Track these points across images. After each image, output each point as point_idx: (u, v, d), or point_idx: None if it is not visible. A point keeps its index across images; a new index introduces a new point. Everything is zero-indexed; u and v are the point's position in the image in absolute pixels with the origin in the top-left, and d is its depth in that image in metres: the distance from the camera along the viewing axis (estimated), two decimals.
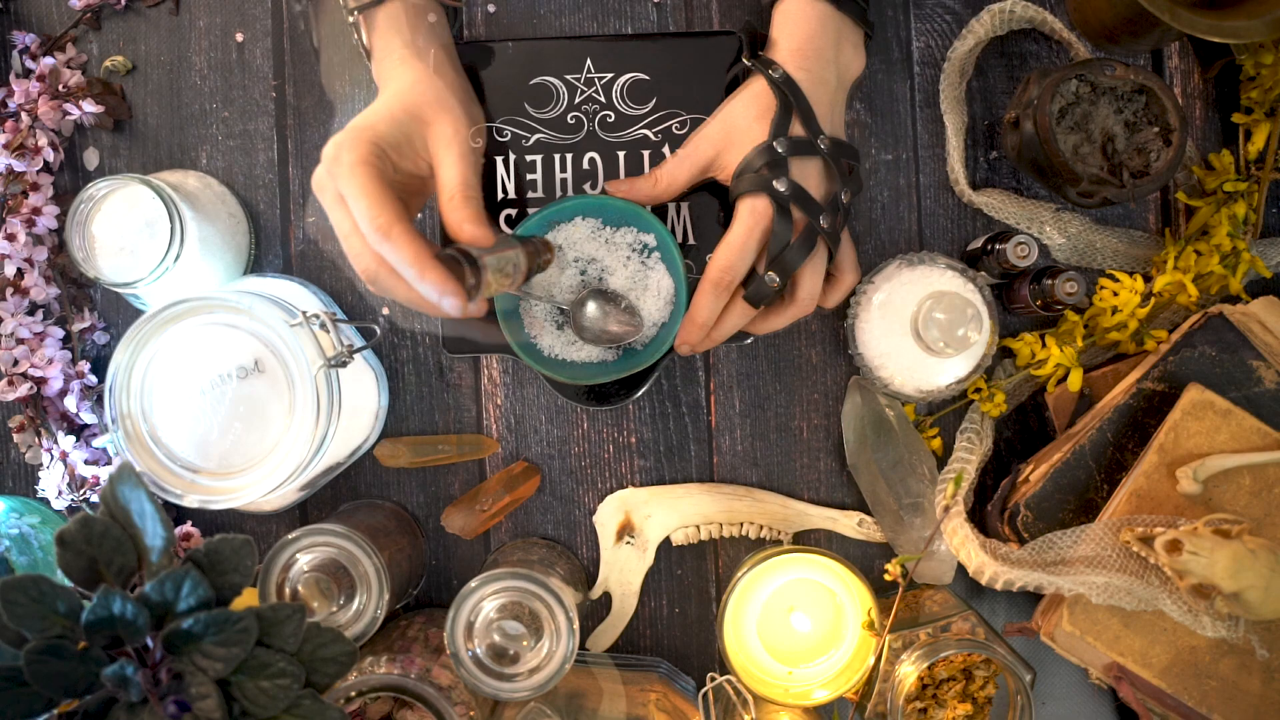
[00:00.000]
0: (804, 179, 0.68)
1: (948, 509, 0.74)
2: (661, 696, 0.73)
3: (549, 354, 0.73)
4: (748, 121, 0.70)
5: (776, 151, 0.68)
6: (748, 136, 0.69)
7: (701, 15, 0.81)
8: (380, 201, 0.60)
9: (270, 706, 0.52)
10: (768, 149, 0.68)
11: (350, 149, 0.61)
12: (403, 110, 0.64)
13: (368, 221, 0.59)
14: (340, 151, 0.61)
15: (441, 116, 0.65)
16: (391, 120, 0.64)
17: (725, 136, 0.70)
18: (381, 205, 0.60)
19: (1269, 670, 0.68)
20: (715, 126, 0.71)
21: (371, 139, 0.62)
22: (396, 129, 0.64)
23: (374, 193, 0.60)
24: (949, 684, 0.71)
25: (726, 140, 0.70)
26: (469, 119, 0.67)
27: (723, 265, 0.68)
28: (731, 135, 0.70)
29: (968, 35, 0.78)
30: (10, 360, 0.76)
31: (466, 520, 0.79)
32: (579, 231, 0.72)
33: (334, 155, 0.62)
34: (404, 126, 0.64)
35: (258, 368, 0.66)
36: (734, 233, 0.68)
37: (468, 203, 0.63)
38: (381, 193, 0.60)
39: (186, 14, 0.81)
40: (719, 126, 0.71)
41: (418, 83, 0.66)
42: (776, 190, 0.67)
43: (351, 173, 0.61)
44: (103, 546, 0.52)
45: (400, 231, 0.59)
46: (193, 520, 0.79)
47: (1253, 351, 0.72)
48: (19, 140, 0.77)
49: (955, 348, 0.72)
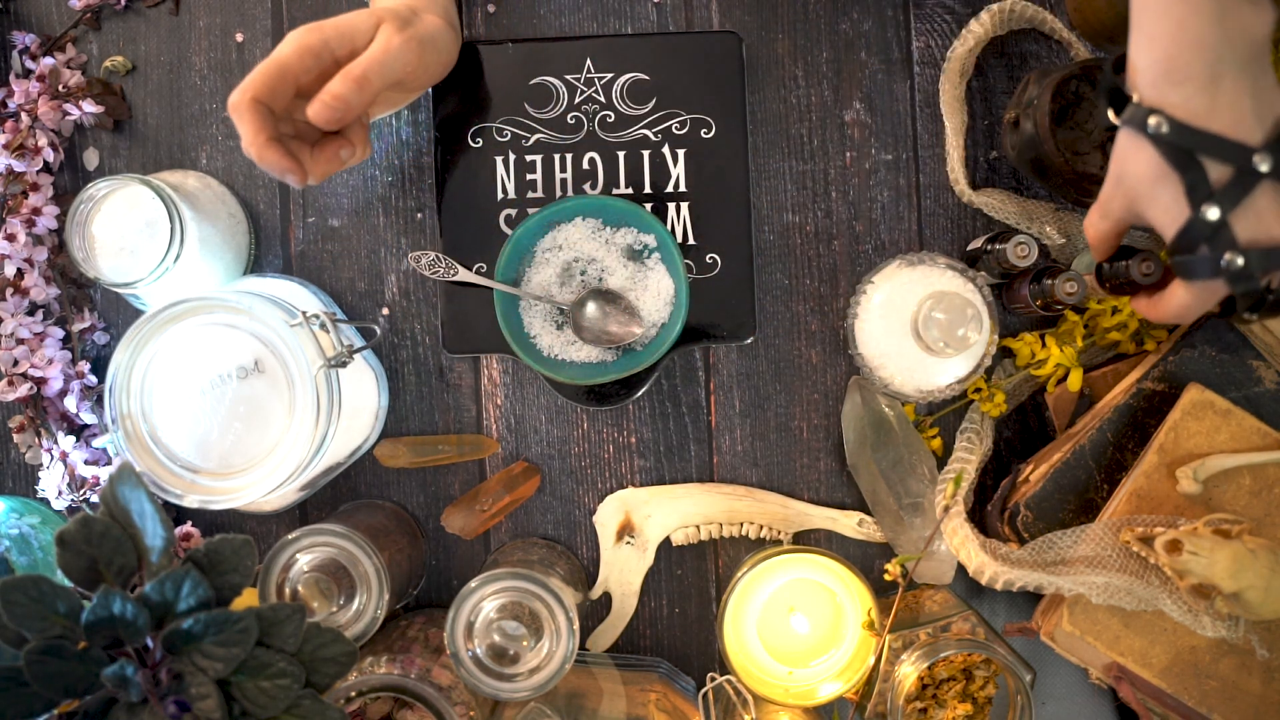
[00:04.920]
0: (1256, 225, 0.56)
1: (948, 509, 0.74)
2: (661, 696, 0.73)
3: (549, 354, 0.73)
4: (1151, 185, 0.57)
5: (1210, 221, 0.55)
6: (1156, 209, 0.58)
7: (701, 15, 0.81)
8: (261, 78, 0.64)
9: (270, 706, 0.53)
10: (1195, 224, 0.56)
11: (296, 34, 0.65)
12: (369, 13, 0.67)
13: (237, 89, 0.64)
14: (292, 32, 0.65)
15: (393, 22, 0.66)
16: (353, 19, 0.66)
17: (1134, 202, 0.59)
18: (256, 81, 0.64)
19: (1269, 670, 0.68)
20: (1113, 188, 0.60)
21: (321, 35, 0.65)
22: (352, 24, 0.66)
23: (265, 70, 0.64)
24: (949, 684, 0.71)
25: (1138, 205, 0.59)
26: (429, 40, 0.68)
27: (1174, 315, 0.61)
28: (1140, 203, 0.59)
29: (968, 35, 0.78)
30: (10, 360, 0.76)
31: (466, 520, 0.79)
32: (579, 231, 0.73)
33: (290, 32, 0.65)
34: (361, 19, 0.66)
35: (258, 368, 0.66)
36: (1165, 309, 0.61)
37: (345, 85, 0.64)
38: (270, 74, 0.64)
39: (186, 14, 0.81)
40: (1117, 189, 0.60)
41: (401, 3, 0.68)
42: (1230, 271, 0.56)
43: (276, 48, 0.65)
44: (103, 546, 0.52)
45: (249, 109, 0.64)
46: (193, 520, 0.79)
47: (1253, 351, 0.72)
48: (19, 140, 0.77)
49: (955, 348, 0.72)
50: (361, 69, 0.64)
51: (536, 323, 0.73)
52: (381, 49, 0.65)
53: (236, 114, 0.65)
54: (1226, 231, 0.55)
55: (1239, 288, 0.56)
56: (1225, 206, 0.55)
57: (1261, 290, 0.56)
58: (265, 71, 0.64)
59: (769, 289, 0.80)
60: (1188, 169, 0.55)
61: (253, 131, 0.64)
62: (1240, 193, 0.54)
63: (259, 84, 0.64)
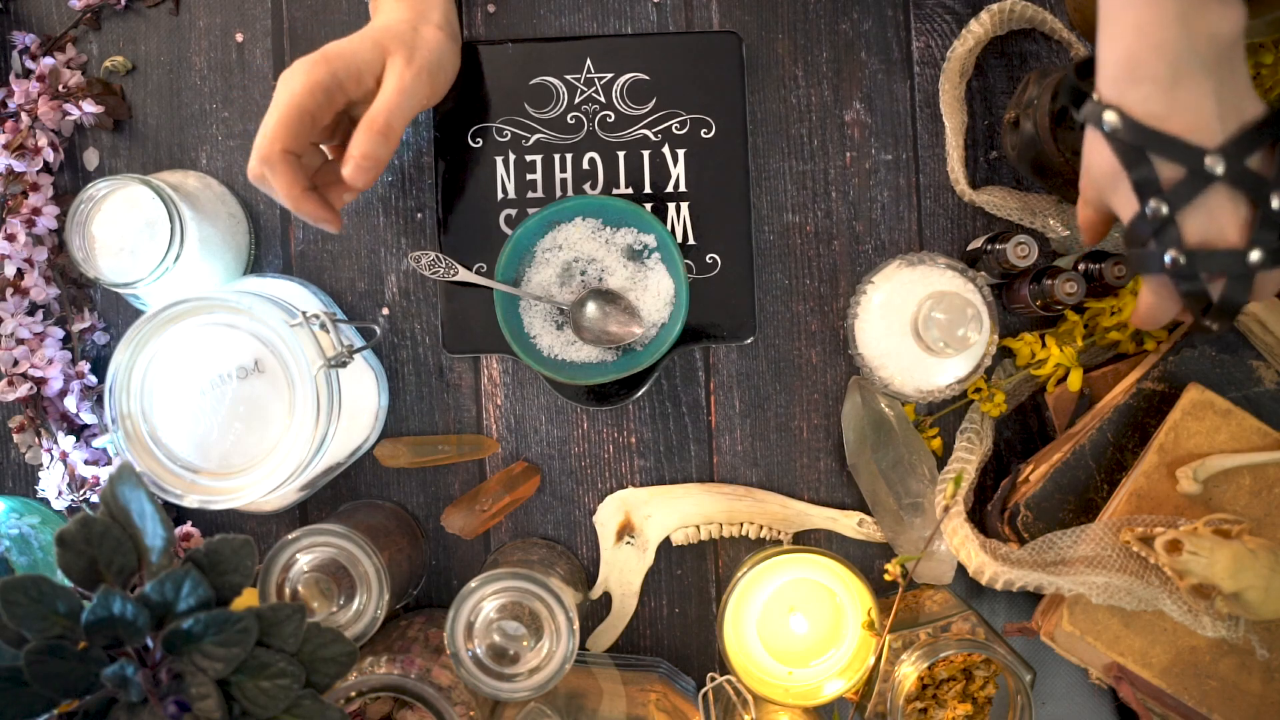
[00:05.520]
0: (1207, 226, 0.56)
1: (948, 509, 0.74)
2: (661, 696, 0.73)
3: (549, 354, 0.73)
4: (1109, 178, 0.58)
5: (1162, 214, 0.56)
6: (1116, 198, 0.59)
7: (701, 15, 0.81)
8: (282, 126, 0.63)
9: (270, 706, 0.52)
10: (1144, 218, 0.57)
11: (302, 70, 0.64)
12: (373, 42, 0.66)
13: (262, 140, 0.64)
14: (294, 68, 0.64)
15: (401, 51, 0.66)
16: (357, 51, 0.65)
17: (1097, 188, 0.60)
18: (280, 131, 0.63)
19: (1269, 670, 0.68)
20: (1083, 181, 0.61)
21: (328, 69, 0.64)
22: (360, 57, 0.65)
23: (284, 117, 0.63)
24: (949, 684, 0.71)
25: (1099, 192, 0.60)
26: (434, 61, 0.68)
27: None
28: (1102, 191, 0.60)
29: (968, 35, 0.78)
30: (10, 360, 0.76)
31: (466, 520, 0.79)
32: (579, 231, 0.73)
33: (290, 69, 0.65)
34: (366, 53, 0.66)
35: (258, 368, 0.66)
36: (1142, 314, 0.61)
37: (372, 138, 0.64)
38: (290, 120, 0.63)
39: (186, 14, 0.81)
40: (1086, 180, 0.61)
41: (401, 20, 0.68)
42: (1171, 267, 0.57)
43: (283, 88, 0.64)
44: (103, 546, 0.52)
45: (281, 161, 0.64)
46: (193, 520, 0.79)
47: (1253, 351, 0.72)
48: (19, 140, 0.77)
49: (955, 348, 0.72)
50: (384, 120, 0.64)
51: (536, 323, 0.73)
52: (396, 91, 0.65)
53: (269, 167, 0.64)
54: (1173, 229, 0.56)
55: (1183, 287, 0.57)
56: (1174, 204, 0.55)
57: (1204, 291, 0.56)
58: (286, 118, 0.63)
59: (769, 289, 0.80)
60: (1135, 166, 0.56)
61: (288, 184, 0.64)
62: (1191, 193, 0.55)
63: (284, 133, 0.63)
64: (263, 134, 0.64)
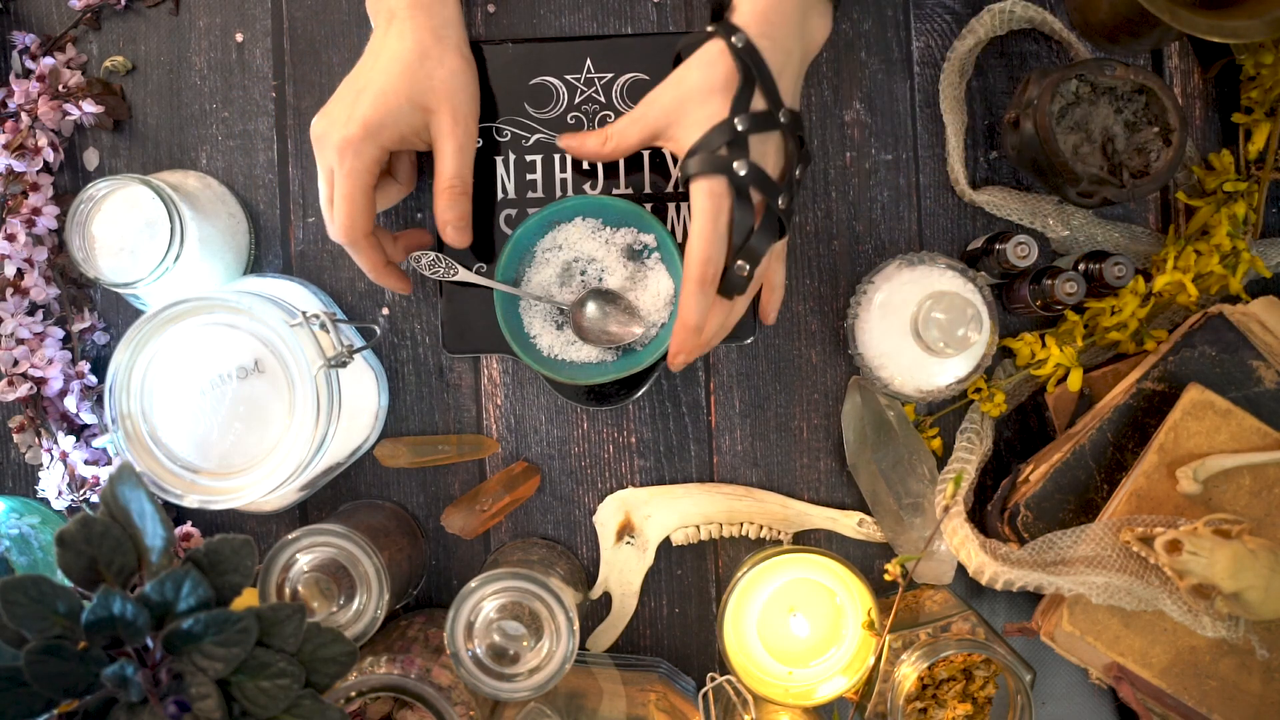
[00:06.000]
0: (763, 157, 0.65)
1: (948, 509, 0.74)
2: (661, 696, 0.73)
3: (549, 354, 0.73)
4: (703, 92, 0.65)
5: (737, 130, 0.63)
6: (703, 110, 0.65)
7: (701, 15, 0.81)
8: (358, 212, 0.68)
9: (270, 706, 0.52)
10: (727, 126, 0.64)
11: (355, 154, 0.67)
12: (408, 101, 0.67)
13: (341, 224, 0.68)
14: (346, 152, 0.67)
15: (443, 106, 0.68)
16: (399, 119, 0.67)
17: (679, 106, 0.66)
18: (358, 217, 0.68)
19: (1269, 670, 0.68)
20: (668, 93, 0.67)
21: (378, 144, 0.67)
22: (402, 123, 0.68)
23: (355, 205, 0.67)
24: (949, 684, 0.71)
25: (680, 110, 0.66)
26: (469, 100, 0.69)
27: (701, 258, 0.64)
28: (685, 105, 0.65)
29: (968, 35, 0.78)
30: (10, 360, 0.76)
31: (466, 520, 0.79)
32: (579, 231, 0.72)
33: (340, 148, 0.67)
34: (408, 118, 0.68)
35: (258, 368, 0.66)
36: (701, 222, 0.64)
37: (454, 202, 0.69)
38: (360, 203, 0.67)
39: (186, 14, 0.81)
40: (672, 94, 0.66)
41: (421, 61, 0.68)
42: (736, 174, 0.63)
43: (347, 177, 0.67)
44: (103, 546, 0.52)
45: (365, 243, 0.69)
46: (193, 520, 0.79)
47: (1253, 351, 0.72)
48: (19, 140, 0.77)
49: (955, 348, 0.72)
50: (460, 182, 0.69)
51: (536, 323, 0.73)
52: (455, 151, 0.69)
53: (356, 250, 0.69)
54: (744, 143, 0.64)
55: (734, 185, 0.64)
56: (750, 128, 0.64)
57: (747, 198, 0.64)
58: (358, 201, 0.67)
59: None
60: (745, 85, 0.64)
61: (373, 263, 0.71)
62: (763, 125, 0.64)
63: (363, 217, 0.68)
64: (341, 223, 0.68)
